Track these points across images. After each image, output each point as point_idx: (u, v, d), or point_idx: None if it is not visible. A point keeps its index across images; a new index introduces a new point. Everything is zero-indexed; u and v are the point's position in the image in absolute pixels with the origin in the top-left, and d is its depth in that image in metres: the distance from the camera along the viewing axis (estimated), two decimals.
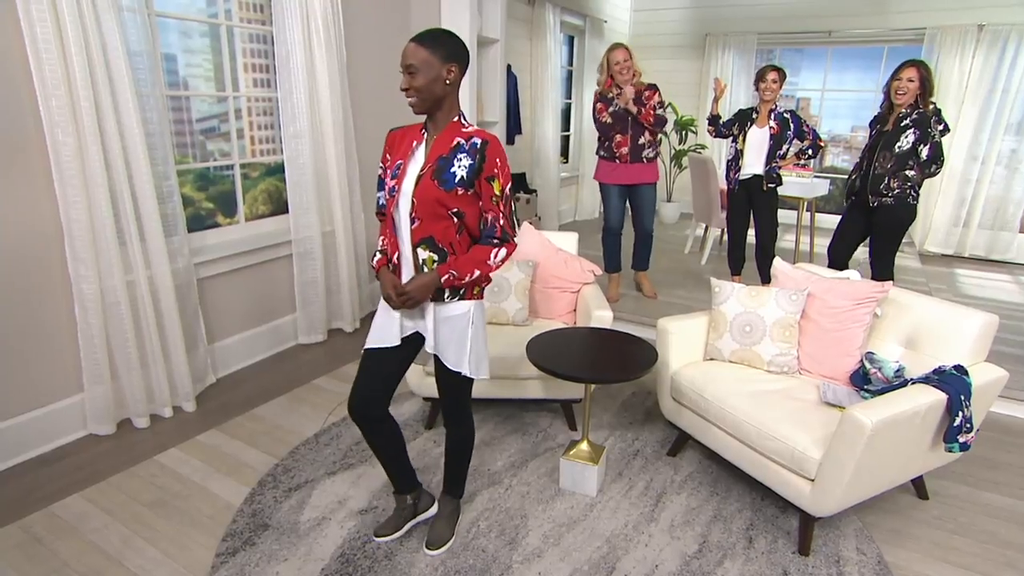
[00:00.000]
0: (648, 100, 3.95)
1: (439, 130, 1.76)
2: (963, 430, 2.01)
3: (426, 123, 1.80)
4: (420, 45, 1.66)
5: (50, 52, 2.27)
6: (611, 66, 3.94)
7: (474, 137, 1.73)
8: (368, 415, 1.89)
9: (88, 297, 2.52)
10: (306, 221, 3.50)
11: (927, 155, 3.33)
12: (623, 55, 3.90)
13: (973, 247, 6.22)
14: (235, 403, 3.01)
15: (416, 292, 1.72)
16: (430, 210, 1.71)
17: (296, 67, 3.28)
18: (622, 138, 4.01)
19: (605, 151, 4.13)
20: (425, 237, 1.74)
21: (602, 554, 2.07)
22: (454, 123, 1.75)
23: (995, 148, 6.00)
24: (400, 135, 1.84)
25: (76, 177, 2.40)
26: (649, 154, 4.04)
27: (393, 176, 1.77)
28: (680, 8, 7.43)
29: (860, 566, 2.04)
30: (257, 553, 2.03)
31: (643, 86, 3.98)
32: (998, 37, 5.82)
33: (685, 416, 2.51)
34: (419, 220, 1.73)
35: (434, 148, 1.74)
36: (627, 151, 4.01)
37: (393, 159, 1.81)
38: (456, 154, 1.71)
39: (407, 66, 1.66)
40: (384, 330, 1.87)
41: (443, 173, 1.70)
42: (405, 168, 1.76)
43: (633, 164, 4.04)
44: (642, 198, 4.17)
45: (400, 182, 1.75)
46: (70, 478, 2.40)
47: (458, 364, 1.84)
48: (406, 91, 1.69)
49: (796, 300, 2.49)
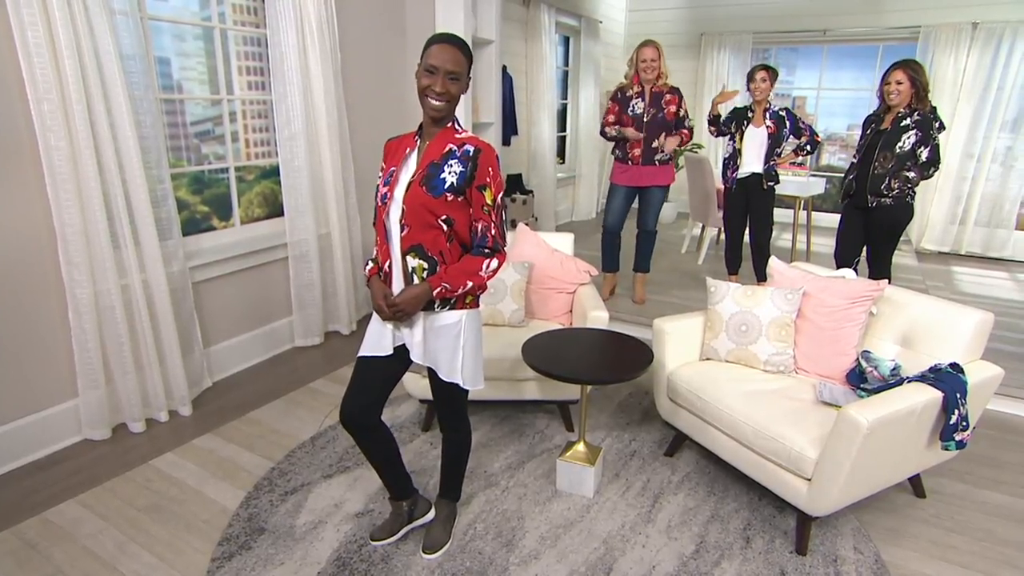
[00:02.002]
0: (667, 106, 3.91)
1: (433, 135, 1.74)
2: (959, 428, 2.00)
3: (420, 129, 1.78)
4: (459, 51, 1.64)
5: (42, 56, 2.26)
6: (638, 62, 3.91)
7: (467, 144, 1.71)
8: (360, 423, 1.85)
9: (82, 301, 2.51)
10: (302, 224, 3.50)
11: (927, 157, 3.32)
12: (652, 53, 3.86)
13: (969, 244, 6.23)
14: (231, 407, 3.00)
15: (406, 305, 1.70)
16: (419, 217, 1.69)
17: (290, 70, 3.28)
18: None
19: (619, 152, 4.11)
20: (414, 244, 1.72)
21: (599, 555, 2.06)
22: (448, 128, 1.73)
23: (991, 145, 6.01)
24: (396, 143, 1.83)
25: (69, 181, 2.39)
26: (662, 156, 4.01)
27: (386, 183, 1.76)
28: (675, 8, 7.44)
29: (858, 565, 2.04)
30: (253, 557, 2.03)
31: (666, 88, 3.95)
32: (992, 35, 5.83)
33: (682, 416, 2.51)
34: (408, 227, 1.71)
35: (426, 154, 1.72)
36: (639, 153, 3.99)
37: (388, 165, 1.81)
38: (448, 160, 1.69)
39: (450, 72, 1.63)
40: (377, 338, 1.85)
41: (432, 180, 1.68)
42: (398, 175, 1.75)
43: (645, 166, 4.02)
44: (650, 199, 4.14)
45: (392, 189, 1.74)
46: (65, 483, 2.39)
47: (451, 375, 1.81)
48: (441, 95, 1.64)
49: (792, 299, 2.49)
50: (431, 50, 1.65)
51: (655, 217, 4.23)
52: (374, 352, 1.85)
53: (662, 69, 3.91)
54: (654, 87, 3.93)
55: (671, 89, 3.95)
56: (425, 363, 1.83)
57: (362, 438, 1.89)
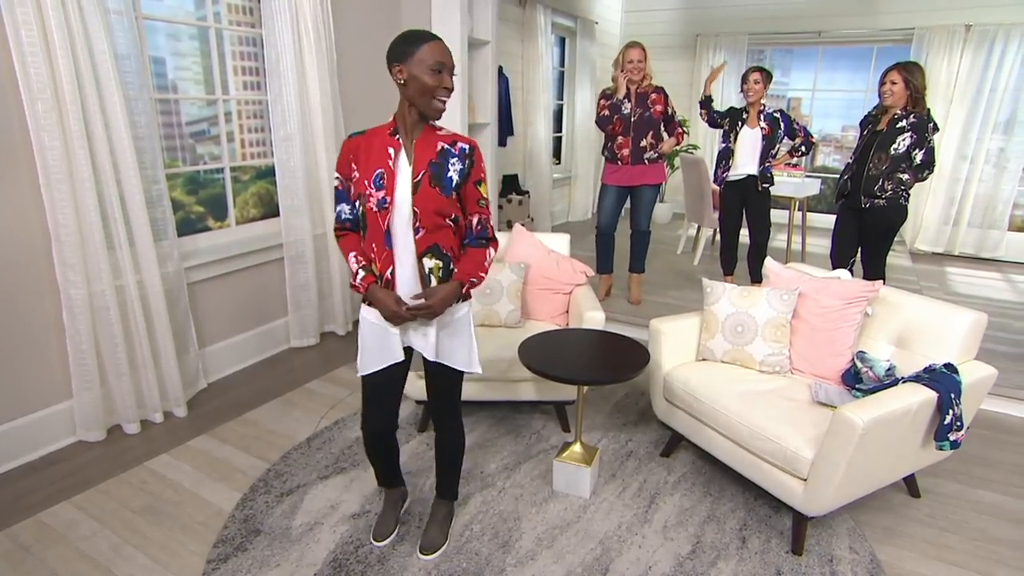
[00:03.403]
0: (653, 105, 3.93)
1: (417, 135, 1.70)
2: (953, 428, 2.02)
3: (396, 128, 1.70)
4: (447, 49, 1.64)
5: (35, 55, 2.25)
6: (624, 63, 3.92)
7: (459, 142, 1.72)
8: (384, 432, 1.95)
9: (76, 302, 2.49)
10: (297, 224, 3.49)
11: (921, 159, 3.34)
12: (638, 54, 3.88)
13: (963, 245, 6.27)
14: (226, 408, 2.99)
15: (439, 305, 1.70)
16: (434, 218, 1.69)
17: (286, 70, 3.27)
18: (623, 140, 4.00)
19: (608, 152, 4.12)
20: (431, 246, 1.71)
21: (595, 556, 2.06)
22: (429, 126, 1.72)
23: (983, 147, 6.05)
24: (365, 142, 1.71)
25: (63, 181, 2.38)
26: (651, 155, 4.03)
27: (379, 187, 1.67)
28: (671, 9, 7.46)
29: (853, 565, 2.04)
30: (249, 559, 2.02)
31: (651, 88, 3.97)
32: (985, 37, 5.86)
33: (678, 417, 2.51)
34: (424, 229, 1.69)
35: (419, 153, 1.69)
36: (628, 153, 4.00)
37: (367, 167, 1.69)
38: (448, 159, 1.70)
39: (451, 68, 1.63)
40: (379, 349, 1.80)
41: (441, 179, 1.68)
42: (392, 178, 1.67)
43: (635, 166, 4.03)
44: (641, 198, 4.16)
45: (391, 192, 1.67)
46: (59, 485, 2.38)
47: (469, 364, 1.87)
48: (448, 92, 1.65)
49: (787, 300, 2.50)
50: (430, 48, 1.59)
51: (647, 216, 4.23)
52: (384, 363, 1.81)
53: (647, 71, 3.93)
54: (639, 88, 3.95)
55: (656, 89, 3.98)
56: (440, 360, 1.84)
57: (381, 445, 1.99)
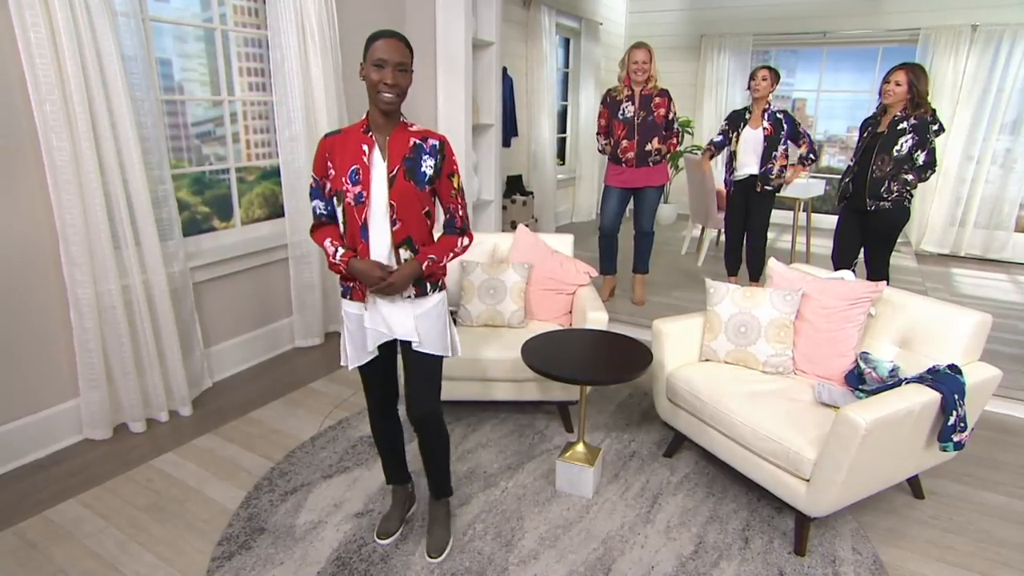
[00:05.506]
0: (656, 109, 3.92)
1: (389, 131, 1.76)
2: (957, 429, 2.01)
3: (369, 126, 1.75)
4: (403, 44, 1.69)
5: (44, 57, 2.27)
6: (629, 64, 3.92)
7: (429, 138, 1.79)
8: (385, 407, 2.06)
9: (83, 301, 2.51)
10: (302, 224, 3.50)
11: (923, 160, 3.33)
12: (643, 55, 3.87)
13: (969, 246, 6.24)
14: (231, 407, 3.01)
15: (401, 282, 1.76)
16: (410, 211, 1.77)
17: (291, 71, 3.28)
18: (628, 143, 4.00)
19: (611, 155, 4.12)
20: (406, 238, 1.79)
21: (598, 556, 2.07)
22: (401, 123, 1.78)
23: (990, 148, 6.02)
24: (340, 141, 1.77)
25: (71, 182, 2.40)
26: (655, 158, 4.03)
27: (355, 182, 1.73)
28: (676, 10, 7.45)
29: (856, 566, 2.04)
30: (253, 557, 2.03)
31: (655, 90, 3.96)
32: (992, 37, 5.84)
33: (681, 417, 2.51)
34: (401, 222, 1.77)
35: (392, 150, 1.75)
36: (632, 156, 4.01)
37: (342, 164, 1.75)
38: (420, 155, 1.77)
39: (398, 64, 1.67)
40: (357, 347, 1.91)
41: (415, 173, 1.76)
42: (367, 173, 1.73)
43: (639, 168, 4.03)
44: (644, 199, 4.16)
45: (367, 187, 1.73)
46: (65, 483, 2.40)
47: (445, 349, 1.94)
48: (392, 87, 1.67)
49: (791, 300, 2.50)
50: (376, 45, 1.67)
51: (651, 218, 4.24)
52: (360, 360, 1.92)
53: (653, 72, 3.92)
54: (644, 90, 3.94)
55: (661, 91, 3.96)
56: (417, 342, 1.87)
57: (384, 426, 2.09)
